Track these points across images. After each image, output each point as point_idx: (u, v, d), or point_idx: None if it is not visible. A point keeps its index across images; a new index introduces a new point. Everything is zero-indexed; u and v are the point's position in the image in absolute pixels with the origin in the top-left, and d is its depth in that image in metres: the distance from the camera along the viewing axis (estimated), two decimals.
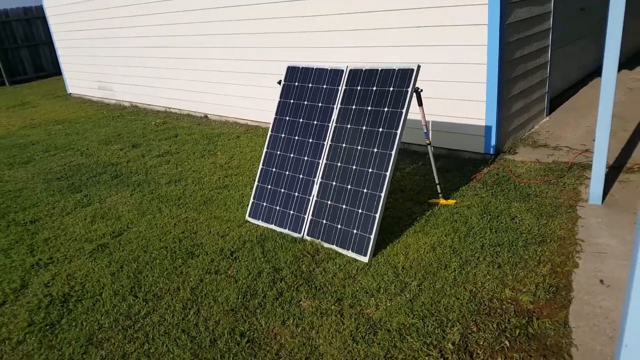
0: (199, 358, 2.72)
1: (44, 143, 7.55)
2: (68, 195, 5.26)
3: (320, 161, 3.88)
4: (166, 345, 2.84)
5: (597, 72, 7.90)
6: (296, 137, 4.09)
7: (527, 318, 2.78)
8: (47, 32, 14.56)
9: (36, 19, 15.11)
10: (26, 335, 3.05)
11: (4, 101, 12.04)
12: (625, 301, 1.63)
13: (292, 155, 4.08)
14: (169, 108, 8.88)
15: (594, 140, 3.81)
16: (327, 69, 4.03)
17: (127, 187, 5.35)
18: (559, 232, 3.59)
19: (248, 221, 4.22)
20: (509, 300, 2.93)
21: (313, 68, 4.12)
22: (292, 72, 4.25)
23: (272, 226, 4.03)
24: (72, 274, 3.70)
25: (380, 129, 3.61)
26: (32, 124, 9.07)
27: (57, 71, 14.73)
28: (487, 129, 4.91)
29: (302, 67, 4.19)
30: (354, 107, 3.80)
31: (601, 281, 3.02)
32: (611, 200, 3.96)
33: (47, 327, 3.11)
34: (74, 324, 3.12)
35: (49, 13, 11.14)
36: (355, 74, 3.86)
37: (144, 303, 3.25)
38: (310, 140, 3.99)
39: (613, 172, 4.39)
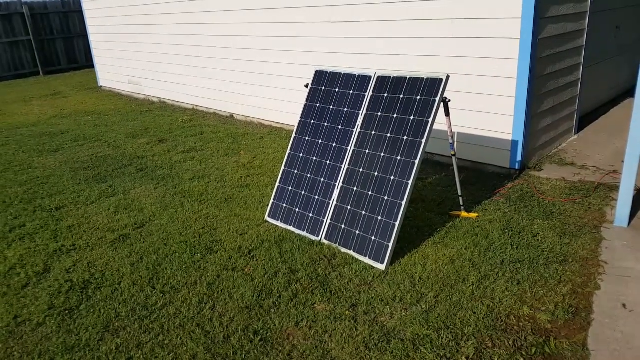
0: (212, 353, 2.74)
1: (73, 133, 7.73)
2: (93, 185, 5.37)
3: (343, 166, 3.89)
4: (181, 338, 2.87)
5: (629, 92, 7.73)
6: (320, 141, 4.10)
7: (544, 337, 2.73)
8: (83, 26, 14.93)
9: (73, 12, 15.51)
10: (46, 318, 3.12)
11: (38, 90, 12.37)
12: None
13: (314, 158, 4.09)
14: (197, 106, 9.01)
15: (622, 161, 3.73)
16: (354, 75, 4.05)
17: (152, 180, 5.44)
18: (582, 252, 3.52)
19: (267, 221, 4.25)
20: (527, 318, 2.88)
21: (341, 73, 4.14)
22: (320, 77, 4.27)
23: (291, 228, 4.05)
24: (93, 262, 3.77)
25: (405, 137, 3.60)
26: (62, 114, 9.30)
27: (89, 64, 15.09)
28: (514, 143, 4.85)
29: (330, 72, 4.21)
30: (379, 113, 3.80)
31: (624, 305, 2.95)
32: (638, 223, 3.87)
33: (67, 311, 3.18)
34: (92, 310, 3.18)
35: (85, 7, 11.42)
36: (382, 80, 3.86)
37: (161, 295, 3.30)
38: (334, 144, 4.00)
39: None
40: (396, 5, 5.32)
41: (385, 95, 3.81)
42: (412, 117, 3.62)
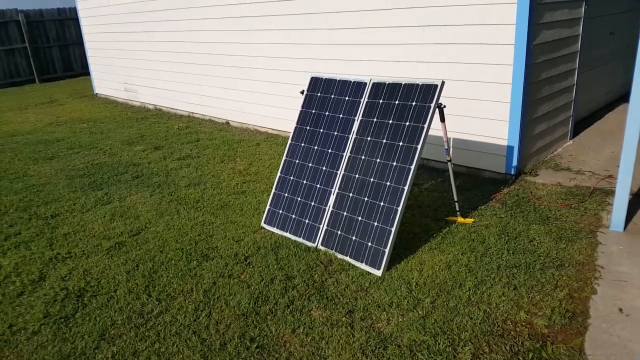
0: None
1: (69, 140, 7.72)
2: (89, 193, 5.35)
3: (339, 172, 3.89)
4: (177, 346, 2.85)
5: (624, 97, 7.78)
6: (315, 147, 4.11)
7: (541, 342, 2.72)
8: (79, 33, 14.94)
9: (69, 20, 15.52)
10: (41, 327, 3.10)
11: (33, 98, 12.35)
12: None
13: (310, 164, 4.09)
14: (192, 113, 9.01)
15: (618, 166, 3.75)
16: (350, 81, 4.06)
17: (148, 187, 5.43)
18: (578, 257, 3.53)
19: (263, 227, 4.24)
20: (524, 323, 2.88)
21: (336, 80, 4.15)
22: (315, 83, 4.28)
23: (287, 234, 4.04)
24: (89, 270, 3.75)
25: (401, 143, 3.61)
26: (58, 122, 9.28)
27: (85, 71, 15.08)
28: (509, 149, 4.87)
29: (325, 78, 4.22)
30: (375, 119, 3.81)
31: (620, 310, 2.96)
32: (634, 228, 3.88)
33: (62, 319, 3.16)
34: (87, 318, 3.16)
35: (81, 15, 11.44)
36: (378, 87, 3.87)
37: (157, 302, 3.28)
38: (330, 150, 4.00)
39: (636, 200, 4.30)
40: (392, 12, 5.35)
41: (381, 101, 3.82)
42: (407, 123, 3.63)
